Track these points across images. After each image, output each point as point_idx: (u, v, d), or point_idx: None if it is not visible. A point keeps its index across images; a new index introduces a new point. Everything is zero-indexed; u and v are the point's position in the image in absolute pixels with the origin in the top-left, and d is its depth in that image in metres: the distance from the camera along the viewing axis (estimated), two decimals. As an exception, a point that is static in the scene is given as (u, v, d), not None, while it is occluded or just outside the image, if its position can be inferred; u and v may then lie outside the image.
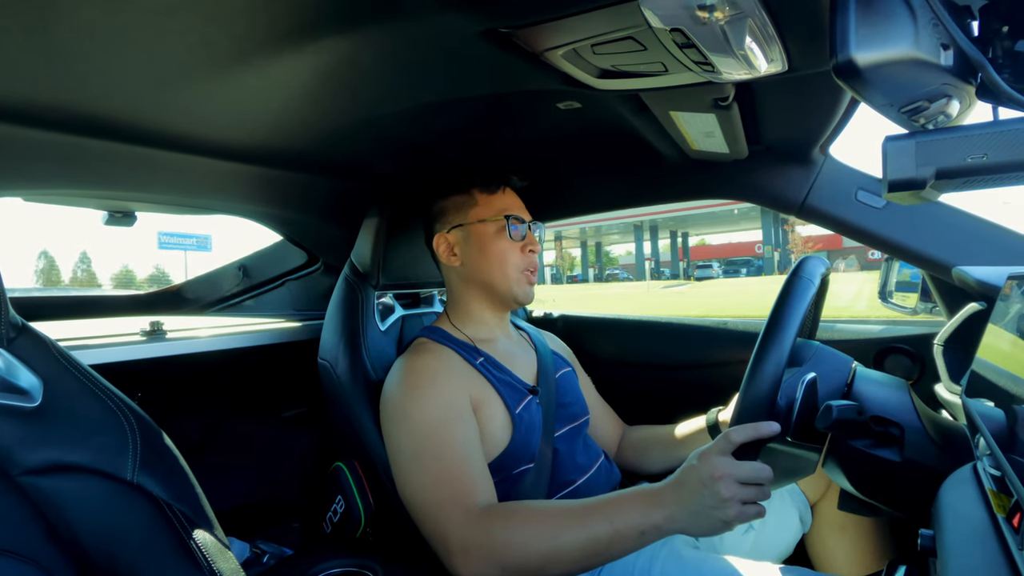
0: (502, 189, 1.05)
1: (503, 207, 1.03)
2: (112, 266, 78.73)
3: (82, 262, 73.59)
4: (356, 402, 1.02)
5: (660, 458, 1.11)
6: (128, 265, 72.99)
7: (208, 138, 0.93)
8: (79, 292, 1.86)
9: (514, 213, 1.02)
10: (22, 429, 0.47)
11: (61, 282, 67.94)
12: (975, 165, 0.44)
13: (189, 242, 32.09)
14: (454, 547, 0.77)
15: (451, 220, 1.04)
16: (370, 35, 0.64)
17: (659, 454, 1.12)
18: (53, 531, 0.46)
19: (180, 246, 32.12)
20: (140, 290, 2.00)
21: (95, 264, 75.54)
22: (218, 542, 0.53)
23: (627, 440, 1.19)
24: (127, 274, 69.57)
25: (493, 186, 1.04)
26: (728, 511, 0.65)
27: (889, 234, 1.00)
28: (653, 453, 1.13)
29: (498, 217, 1.01)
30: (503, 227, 1.01)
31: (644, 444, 1.15)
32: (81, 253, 75.82)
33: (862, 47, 0.41)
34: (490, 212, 1.02)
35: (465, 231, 1.03)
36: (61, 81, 0.68)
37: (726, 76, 0.66)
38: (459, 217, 1.04)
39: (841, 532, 1.01)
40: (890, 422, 0.69)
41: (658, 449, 1.12)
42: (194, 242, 32.41)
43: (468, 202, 1.04)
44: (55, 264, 73.56)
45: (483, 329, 1.05)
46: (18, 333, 0.51)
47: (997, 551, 0.38)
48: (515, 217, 1.02)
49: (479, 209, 1.03)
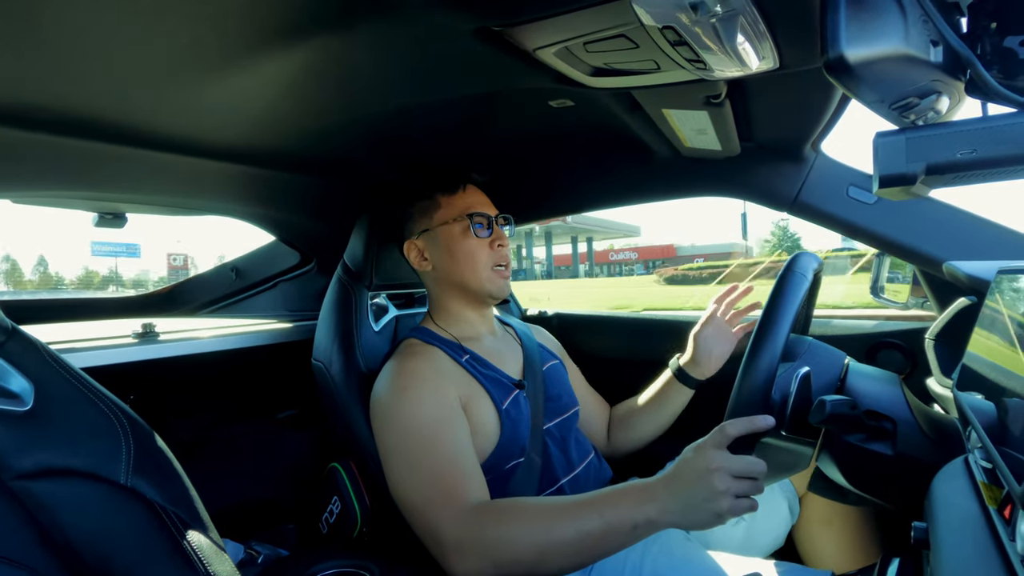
0: (463, 188, 1.05)
1: (466, 206, 1.03)
2: (72, 268, 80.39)
3: (40, 264, 76.46)
4: (350, 402, 1.02)
5: (646, 423, 1.14)
6: (88, 267, 75.48)
7: (199, 138, 0.92)
8: (70, 295, 1.85)
9: (478, 210, 1.03)
10: (13, 433, 0.47)
11: (27, 284, 68.59)
12: (965, 160, 0.44)
13: (119, 249, 37.74)
14: (448, 545, 0.77)
15: (418, 226, 1.05)
16: (361, 34, 0.64)
17: (643, 419, 1.15)
18: (46, 536, 0.46)
19: (112, 253, 38.05)
20: (100, 289, 2.00)
21: (51, 266, 79.65)
22: (213, 544, 0.52)
23: (614, 419, 1.21)
24: (90, 275, 70.96)
25: (454, 187, 1.05)
26: (721, 504, 0.66)
27: (880, 230, 1.01)
28: (637, 420, 1.16)
29: (461, 217, 1.01)
30: (467, 226, 1.01)
31: (628, 415, 1.18)
32: (39, 256, 78.89)
33: (852, 44, 0.42)
34: (453, 213, 1.02)
35: (432, 235, 1.03)
36: (50, 82, 0.68)
37: (718, 73, 0.67)
38: (424, 222, 1.04)
39: (827, 524, 1.02)
40: (883, 416, 0.69)
41: (640, 415, 1.15)
42: (124, 249, 38.15)
43: (431, 206, 1.04)
44: (18, 266, 75.53)
45: (467, 327, 1.05)
46: (8, 336, 0.50)
47: (989, 542, 0.39)
48: (479, 215, 1.02)
49: (443, 212, 1.03)
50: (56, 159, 0.85)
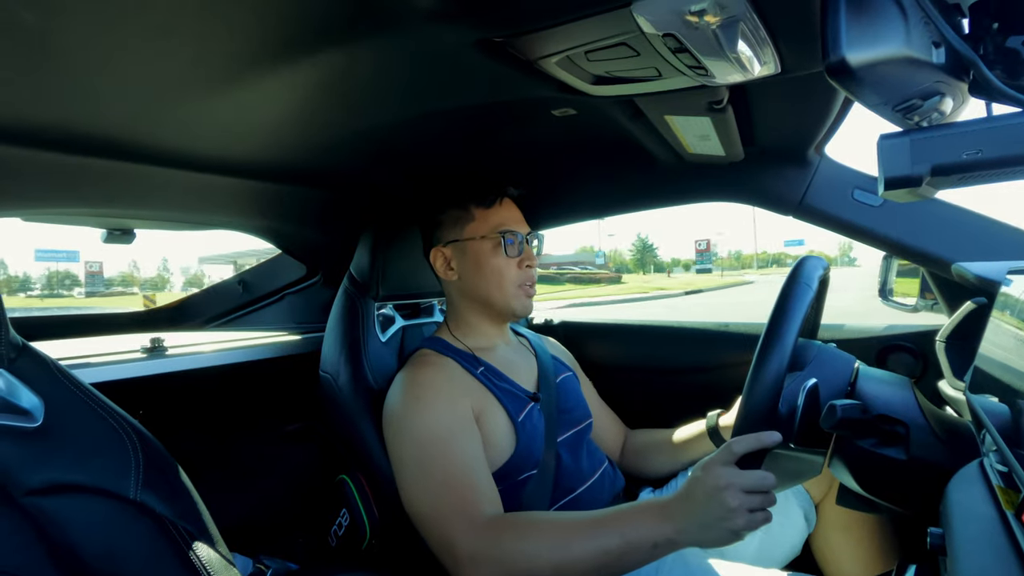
0: (499, 202, 1.03)
1: (499, 222, 1.01)
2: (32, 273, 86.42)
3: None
4: (358, 414, 1.01)
5: (663, 462, 1.11)
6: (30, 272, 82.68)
7: (205, 154, 0.93)
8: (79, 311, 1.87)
9: (510, 228, 1.01)
10: (24, 449, 0.47)
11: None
12: (970, 161, 0.44)
13: (61, 255, 42.68)
14: (462, 558, 0.76)
15: (448, 235, 1.03)
16: (364, 48, 0.65)
17: (661, 458, 1.12)
18: (55, 551, 0.46)
19: (53, 258, 43.26)
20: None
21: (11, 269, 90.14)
22: (222, 558, 0.52)
23: (630, 444, 1.19)
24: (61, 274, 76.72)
25: (490, 200, 1.02)
26: (736, 520, 0.65)
27: (887, 232, 1.01)
28: (655, 457, 1.13)
29: (494, 234, 1.00)
30: (499, 244, 0.99)
31: (646, 448, 1.15)
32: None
33: (854, 47, 0.42)
34: (486, 228, 1.01)
35: (461, 247, 1.02)
36: (58, 101, 0.69)
37: (720, 79, 0.67)
38: (455, 232, 1.02)
39: (846, 532, 1.01)
40: (895, 420, 0.68)
41: (660, 453, 1.12)
42: (64, 255, 43.07)
43: (465, 217, 1.02)
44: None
45: (483, 339, 1.05)
46: (19, 353, 0.51)
47: (1007, 548, 0.38)
48: (511, 232, 1.00)
49: (475, 225, 1.01)
50: (63, 177, 0.86)
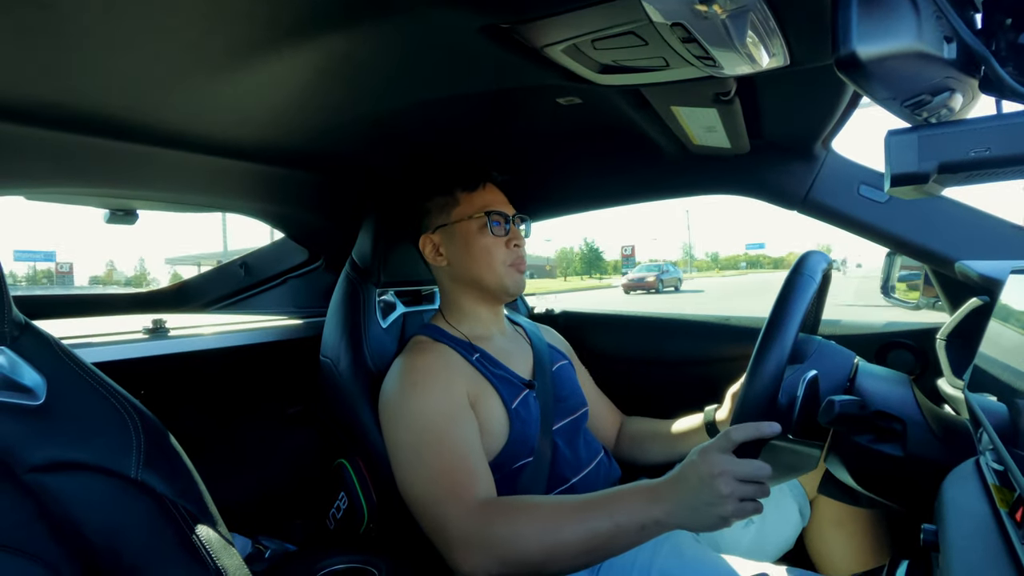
0: (483, 185, 1.04)
1: (484, 204, 1.02)
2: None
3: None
4: (358, 399, 1.02)
5: (657, 451, 1.12)
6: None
7: (208, 136, 0.93)
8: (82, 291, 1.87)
9: (496, 208, 1.02)
10: (26, 427, 0.47)
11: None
12: (978, 159, 0.43)
13: (39, 255, 46.13)
14: (454, 541, 0.77)
15: (435, 221, 1.04)
16: (369, 32, 0.64)
17: (656, 447, 1.13)
18: (57, 528, 0.46)
19: (32, 258, 46.37)
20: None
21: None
22: (222, 538, 0.53)
23: (625, 431, 1.20)
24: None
25: (474, 183, 1.04)
26: (726, 507, 0.66)
27: (891, 228, 1.00)
28: (650, 446, 1.14)
29: (479, 214, 1.01)
30: (485, 224, 1.01)
31: (642, 437, 1.16)
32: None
33: (864, 40, 0.41)
34: (471, 210, 1.02)
35: (449, 231, 1.03)
36: (62, 80, 0.68)
37: (728, 70, 0.66)
38: (442, 218, 1.04)
39: (839, 527, 1.02)
40: (892, 417, 0.68)
41: (656, 443, 1.13)
42: (42, 255, 46.63)
43: (450, 202, 1.03)
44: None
45: (478, 326, 1.05)
46: (21, 331, 0.51)
47: (1000, 546, 0.38)
48: (496, 213, 1.01)
49: (461, 208, 1.02)
50: (68, 156, 0.86)
